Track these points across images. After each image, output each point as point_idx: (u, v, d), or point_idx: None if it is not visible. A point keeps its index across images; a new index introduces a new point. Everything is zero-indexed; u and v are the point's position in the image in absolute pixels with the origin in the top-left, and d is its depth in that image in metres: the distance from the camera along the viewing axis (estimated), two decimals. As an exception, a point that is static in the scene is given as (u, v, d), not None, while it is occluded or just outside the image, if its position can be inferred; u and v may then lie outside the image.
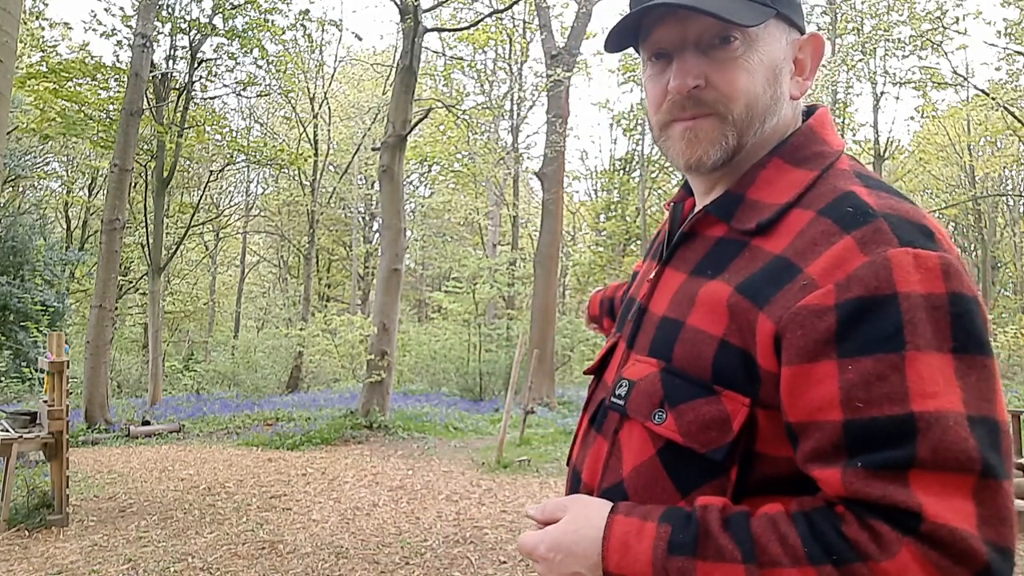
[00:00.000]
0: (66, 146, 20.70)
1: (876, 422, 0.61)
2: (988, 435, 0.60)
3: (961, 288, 0.64)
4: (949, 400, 0.60)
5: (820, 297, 0.65)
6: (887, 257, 0.64)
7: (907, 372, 0.61)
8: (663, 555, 0.66)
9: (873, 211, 0.68)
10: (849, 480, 0.62)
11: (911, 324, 0.62)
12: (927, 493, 0.58)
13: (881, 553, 0.58)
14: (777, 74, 0.80)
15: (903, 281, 0.63)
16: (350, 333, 13.44)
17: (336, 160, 24.52)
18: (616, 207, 25.05)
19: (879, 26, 13.72)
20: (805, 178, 0.76)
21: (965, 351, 0.62)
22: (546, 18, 15.68)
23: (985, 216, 24.27)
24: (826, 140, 0.80)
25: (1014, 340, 16.66)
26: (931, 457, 0.59)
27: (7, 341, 15.04)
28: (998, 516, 0.58)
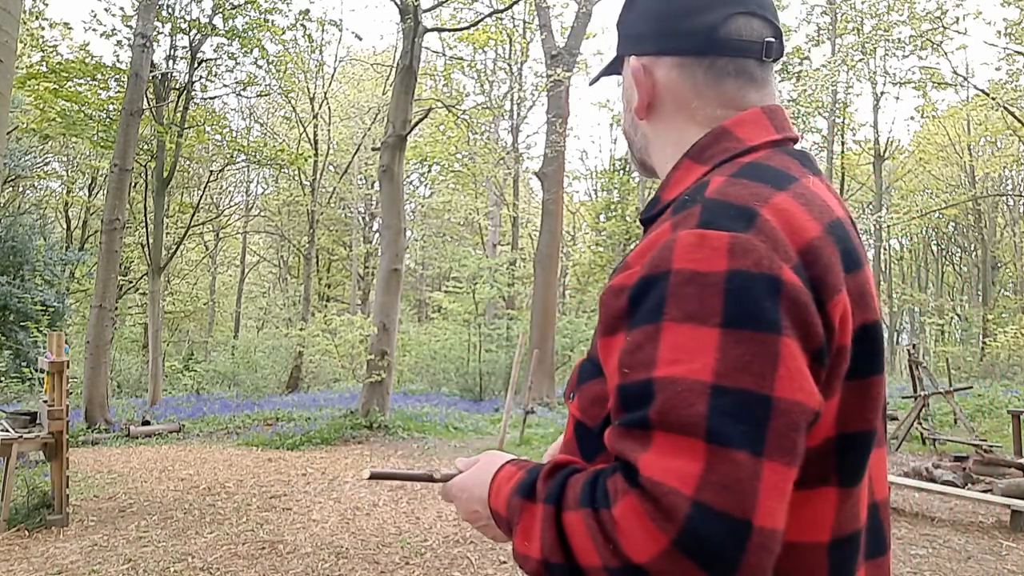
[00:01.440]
0: (66, 146, 20.71)
1: (630, 387, 0.67)
2: (735, 406, 0.61)
3: (745, 266, 0.66)
4: (691, 368, 0.63)
5: (624, 278, 0.73)
6: (675, 237, 0.70)
7: (660, 342, 0.66)
8: (510, 494, 0.78)
9: (701, 197, 0.73)
10: (610, 437, 0.69)
11: (673, 297, 0.67)
12: (655, 452, 0.62)
13: (613, 501, 0.63)
14: (628, 103, 0.95)
15: (680, 259, 0.68)
16: (350, 333, 13.44)
17: (336, 160, 24.52)
18: (616, 207, 25.05)
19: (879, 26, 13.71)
20: (700, 173, 0.83)
21: (735, 325, 0.64)
22: (546, 18, 15.68)
23: (985, 216, 24.27)
24: (738, 137, 0.84)
25: (1014, 340, 16.65)
26: (659, 419, 0.63)
27: (7, 341, 15.04)
28: (722, 483, 0.59)
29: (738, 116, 0.86)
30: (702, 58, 0.87)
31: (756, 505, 0.59)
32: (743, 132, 0.84)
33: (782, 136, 0.85)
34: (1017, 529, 5.03)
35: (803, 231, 0.70)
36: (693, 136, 0.87)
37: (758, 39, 0.86)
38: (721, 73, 0.86)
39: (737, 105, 0.87)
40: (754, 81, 0.87)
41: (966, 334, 24.49)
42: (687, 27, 0.86)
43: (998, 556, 4.49)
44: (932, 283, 30.29)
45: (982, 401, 12.03)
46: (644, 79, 0.90)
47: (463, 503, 0.89)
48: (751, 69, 0.87)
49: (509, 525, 0.78)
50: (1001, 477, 6.00)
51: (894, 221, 19.01)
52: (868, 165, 23.69)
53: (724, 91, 0.86)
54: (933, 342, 26.90)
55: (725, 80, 0.86)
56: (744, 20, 0.86)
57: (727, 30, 0.85)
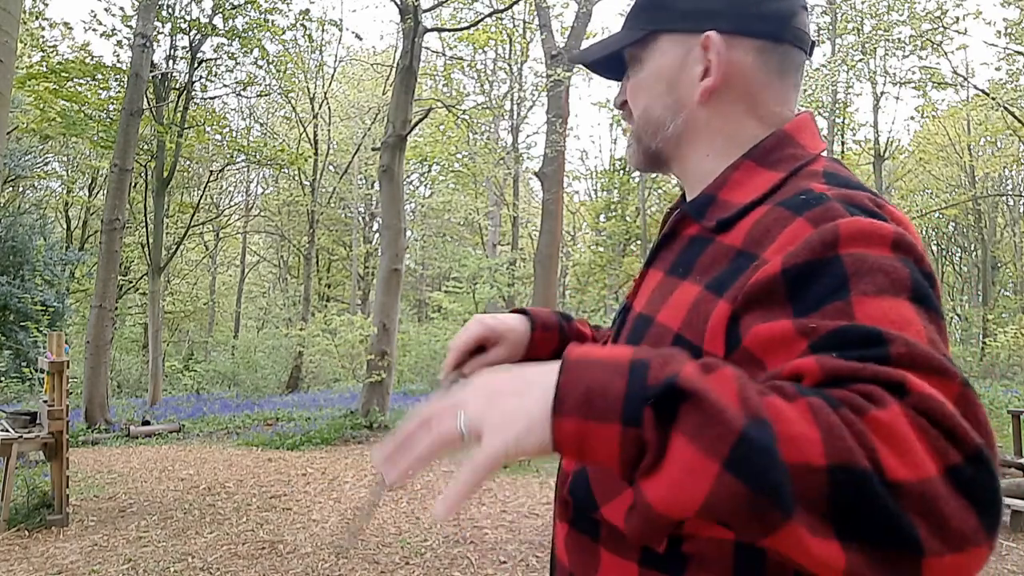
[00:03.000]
0: (66, 146, 20.71)
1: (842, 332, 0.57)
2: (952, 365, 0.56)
3: (913, 258, 0.63)
4: (914, 330, 0.57)
5: (769, 269, 0.65)
6: (836, 224, 0.65)
7: (855, 313, 0.58)
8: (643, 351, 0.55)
9: (827, 196, 0.70)
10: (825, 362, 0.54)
11: (856, 275, 0.61)
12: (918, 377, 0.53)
13: (871, 405, 0.50)
14: (671, 84, 0.86)
15: (846, 244, 0.63)
16: (350, 333, 13.44)
17: (336, 160, 24.52)
18: (616, 207, 25.04)
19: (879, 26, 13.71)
20: (773, 179, 0.79)
21: (922, 303, 0.60)
22: (546, 18, 15.68)
23: (985, 216, 24.26)
24: (801, 143, 0.83)
25: (1014, 340, 16.65)
26: (908, 357, 0.54)
27: (7, 341, 15.04)
28: (979, 422, 0.52)
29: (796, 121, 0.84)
30: (778, 45, 0.83)
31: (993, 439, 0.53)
32: (804, 139, 0.83)
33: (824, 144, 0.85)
34: (1017, 529, 5.03)
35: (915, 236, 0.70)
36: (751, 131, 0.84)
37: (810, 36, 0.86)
38: (791, 65, 0.84)
39: (790, 103, 0.85)
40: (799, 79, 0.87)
41: (966, 334, 24.49)
42: (767, 9, 0.83)
43: (998, 556, 4.49)
44: (932, 283, 30.27)
45: (982, 401, 12.01)
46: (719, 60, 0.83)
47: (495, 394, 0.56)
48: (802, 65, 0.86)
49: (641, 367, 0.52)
50: (1001, 477, 6.00)
51: (894, 221, 18.95)
52: (868, 165, 23.68)
53: (787, 86, 0.85)
54: (933, 342, 26.83)
55: (791, 74, 0.85)
56: (805, 15, 0.85)
57: (798, 20, 0.83)
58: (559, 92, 14.60)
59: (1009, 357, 16.94)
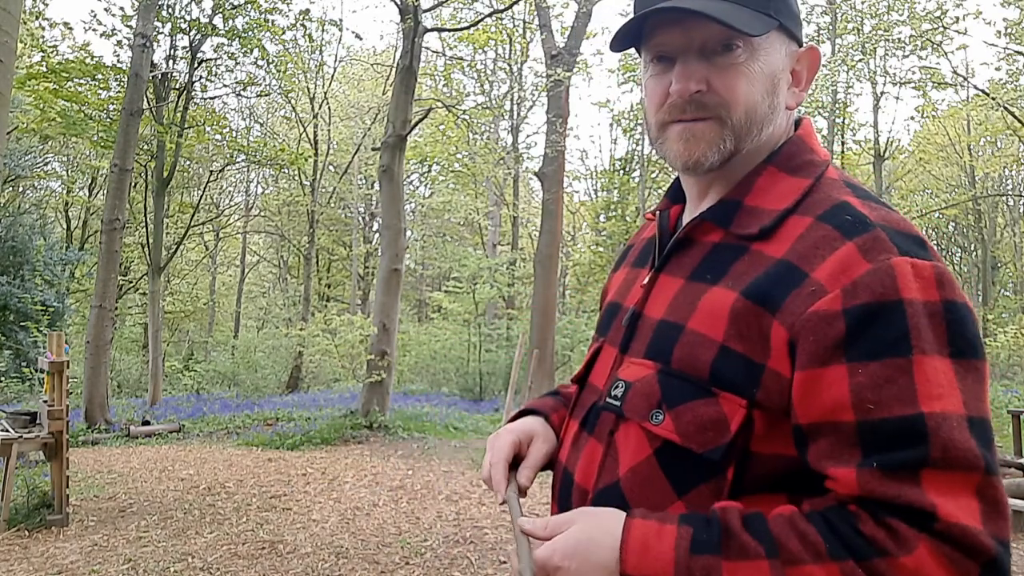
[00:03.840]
0: (66, 146, 20.71)
1: (888, 423, 0.64)
2: (984, 434, 0.65)
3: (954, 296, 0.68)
4: (952, 402, 0.64)
5: (829, 302, 0.68)
6: (891, 265, 0.68)
7: (915, 375, 0.64)
8: (686, 554, 0.66)
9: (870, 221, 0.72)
10: (865, 479, 0.64)
11: (916, 329, 0.65)
12: (939, 492, 0.62)
13: (899, 549, 0.61)
14: (775, 84, 0.82)
15: (906, 288, 0.66)
16: (350, 333, 13.43)
17: (336, 160, 24.52)
18: (616, 207, 25.04)
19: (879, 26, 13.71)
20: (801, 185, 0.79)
21: (962, 355, 0.66)
22: (546, 18, 15.68)
23: (985, 216, 24.25)
24: (814, 150, 0.84)
25: (1014, 340, 16.64)
26: (942, 456, 0.62)
27: (7, 341, 15.04)
28: (998, 511, 0.62)
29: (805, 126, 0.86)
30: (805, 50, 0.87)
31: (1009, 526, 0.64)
32: (814, 145, 0.84)
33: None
34: (1017, 529, 5.03)
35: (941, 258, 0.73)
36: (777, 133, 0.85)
37: None
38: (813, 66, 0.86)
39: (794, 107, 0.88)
40: None
41: (966, 334, 24.48)
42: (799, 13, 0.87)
43: (998, 556, 4.49)
44: (932, 283, 30.29)
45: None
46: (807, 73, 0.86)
47: (573, 573, 0.72)
48: None
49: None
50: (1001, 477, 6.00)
51: (894, 221, 18.96)
52: (868, 165, 23.68)
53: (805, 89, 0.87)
54: (933, 342, 26.86)
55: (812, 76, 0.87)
56: None
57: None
58: (559, 92, 14.60)
59: (1009, 357, 16.93)
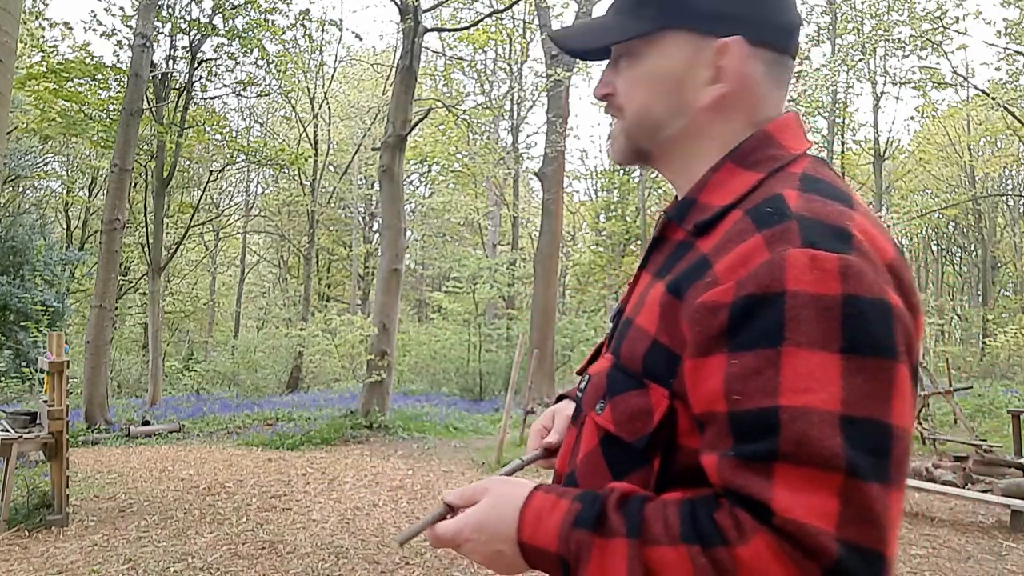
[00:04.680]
0: (66, 146, 20.70)
1: (749, 414, 0.64)
2: (865, 437, 0.61)
3: (859, 291, 0.64)
4: (821, 398, 0.61)
5: (719, 294, 0.68)
6: (784, 256, 0.66)
7: (782, 367, 0.63)
8: (568, 527, 0.70)
9: (790, 212, 0.70)
10: (721, 468, 0.65)
11: (794, 321, 0.64)
12: (786, 487, 0.60)
13: (739, 539, 0.60)
14: (677, 83, 0.83)
15: (794, 280, 0.64)
16: (350, 333, 13.44)
17: (336, 160, 24.52)
18: (616, 207, 25.04)
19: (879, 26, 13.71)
20: (751, 180, 0.79)
21: (855, 352, 0.63)
22: (546, 18, 15.68)
23: (985, 216, 24.26)
24: (782, 144, 0.81)
25: (1014, 340, 16.65)
26: (794, 451, 0.61)
27: (7, 341, 15.04)
28: (863, 516, 0.59)
29: (780, 120, 0.83)
30: (784, 56, 0.83)
31: (888, 536, 0.60)
32: (786, 139, 0.81)
33: (809, 144, 0.84)
34: (1017, 529, 5.03)
35: (885, 252, 0.69)
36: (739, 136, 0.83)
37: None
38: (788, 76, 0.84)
39: (777, 109, 0.84)
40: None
41: (966, 334, 24.50)
42: (785, 20, 0.82)
43: (998, 556, 4.49)
44: (932, 283, 30.28)
45: (982, 401, 12.03)
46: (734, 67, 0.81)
47: (481, 544, 0.76)
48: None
49: (565, 562, 0.70)
50: (1001, 477, 6.00)
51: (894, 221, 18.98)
52: (868, 165, 23.69)
53: (782, 95, 0.85)
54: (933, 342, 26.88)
55: (786, 82, 0.84)
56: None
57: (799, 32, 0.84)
58: (559, 92, 14.61)
59: (1009, 357, 16.94)
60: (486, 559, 0.77)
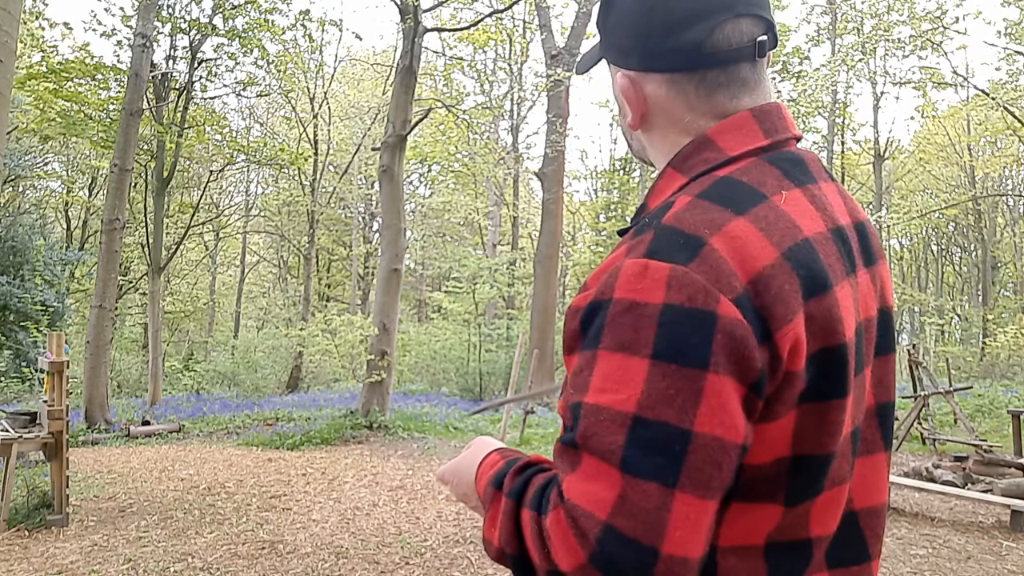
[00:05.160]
0: (66, 146, 20.70)
1: (570, 407, 0.71)
2: (653, 438, 0.64)
3: (679, 300, 0.67)
4: (618, 398, 0.66)
5: (581, 299, 0.75)
6: (622, 266, 0.71)
7: (595, 368, 0.69)
8: (489, 482, 0.82)
9: (657, 223, 0.74)
10: (555, 449, 0.74)
11: (610, 326, 0.69)
12: (579, 474, 0.67)
13: (550, 510, 0.68)
14: (622, 108, 0.92)
15: (621, 288, 0.69)
16: (350, 333, 13.43)
17: (336, 160, 24.52)
18: (616, 207, 25.06)
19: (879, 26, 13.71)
20: (678, 185, 0.82)
21: (663, 359, 0.66)
22: (546, 18, 15.68)
23: (985, 216, 24.26)
24: (721, 146, 0.82)
25: (1014, 340, 16.65)
26: (583, 443, 0.67)
27: (7, 341, 15.04)
28: (632, 511, 0.63)
29: (723, 123, 0.83)
30: (691, 73, 0.83)
31: (664, 534, 0.63)
32: (725, 141, 0.82)
33: (772, 140, 0.82)
34: (1017, 529, 5.03)
35: (754, 260, 0.69)
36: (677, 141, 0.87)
37: (749, 41, 0.82)
38: (712, 85, 0.83)
39: (729, 113, 0.84)
40: (746, 84, 0.83)
41: (966, 334, 24.51)
42: (673, 44, 0.82)
43: (998, 556, 4.49)
44: (932, 283, 30.29)
45: (982, 401, 12.03)
46: (633, 95, 0.87)
47: (455, 487, 0.93)
48: (744, 74, 0.83)
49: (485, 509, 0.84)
50: (1001, 477, 6.00)
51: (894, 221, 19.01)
52: (868, 165, 23.70)
53: (717, 102, 0.83)
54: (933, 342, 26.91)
55: (717, 92, 0.83)
56: (732, 25, 0.81)
57: (714, 42, 0.80)
58: (559, 92, 14.61)
59: (1009, 357, 16.94)
60: (460, 497, 0.93)
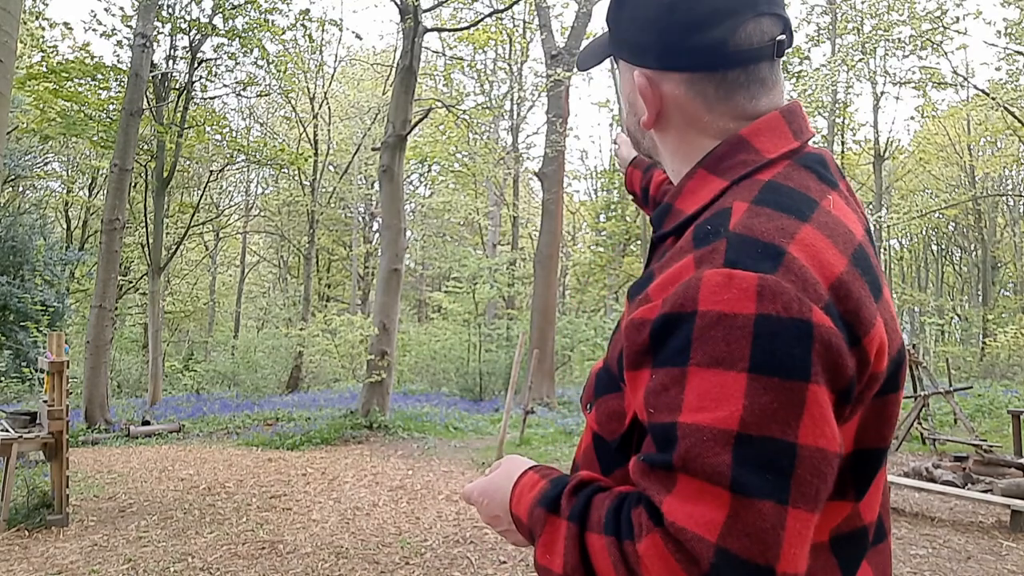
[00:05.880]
0: (66, 146, 20.70)
1: (657, 427, 0.68)
2: (760, 455, 0.62)
3: (773, 310, 0.64)
4: (717, 416, 0.63)
5: (646, 311, 0.71)
6: (700, 276, 0.68)
7: (686, 385, 0.66)
8: (535, 503, 0.79)
9: (725, 230, 0.71)
10: (634, 470, 0.71)
11: (700, 340, 0.65)
12: (678, 495, 0.64)
13: (640, 535, 0.65)
14: (632, 106, 0.90)
15: (706, 300, 0.66)
16: (350, 333, 13.43)
17: (336, 160, 24.52)
18: (616, 207, 25.04)
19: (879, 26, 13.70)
20: (718, 188, 0.79)
21: (762, 371, 0.63)
22: (546, 18, 15.68)
23: (985, 216, 24.26)
24: (758, 148, 0.80)
25: (1014, 340, 16.64)
26: (683, 464, 0.64)
27: (7, 341, 15.04)
28: (746, 531, 0.61)
29: (756, 124, 0.81)
30: (712, 73, 0.81)
31: (780, 553, 0.61)
32: (761, 143, 0.80)
33: (801, 141, 0.81)
34: (1017, 529, 5.03)
35: (832, 267, 0.68)
36: (706, 146, 0.83)
37: (769, 40, 0.80)
38: (733, 85, 0.81)
39: (749, 114, 0.82)
40: (765, 84, 0.82)
41: (966, 334, 24.51)
42: (694, 43, 0.80)
43: (998, 556, 4.49)
44: (932, 283, 30.29)
45: (982, 401, 12.03)
46: (651, 94, 0.85)
47: (484, 508, 0.89)
48: (763, 73, 0.82)
49: (531, 533, 0.80)
50: (1001, 477, 6.00)
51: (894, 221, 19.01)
52: (868, 165, 23.69)
53: (736, 103, 0.82)
54: (933, 342, 26.91)
55: (737, 92, 0.81)
56: (754, 24, 0.79)
57: (737, 41, 0.79)
58: (559, 92, 14.60)
59: (1009, 357, 16.94)
60: (489, 520, 0.89)
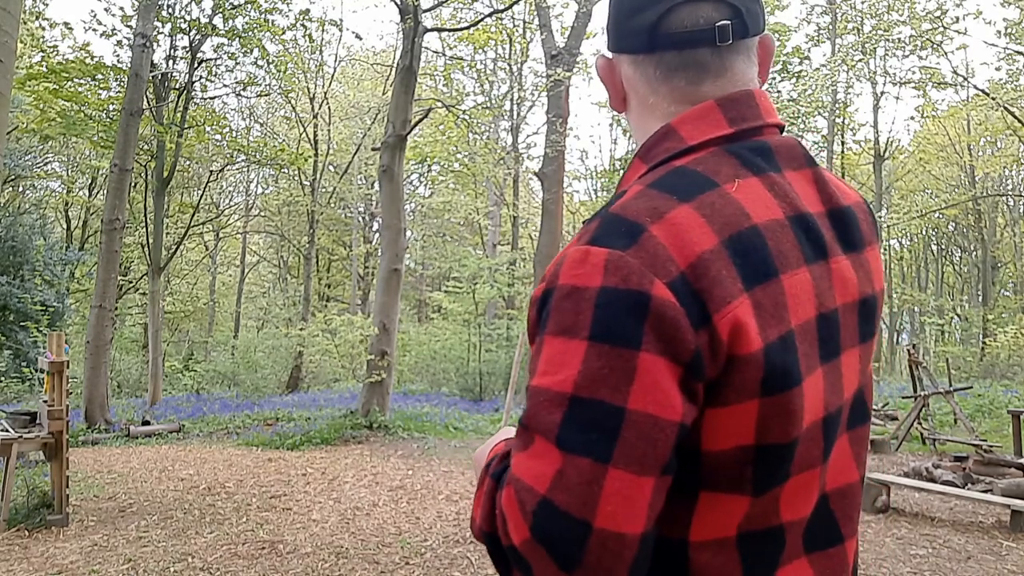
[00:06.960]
0: (66, 146, 20.71)
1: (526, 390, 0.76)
2: (589, 416, 0.68)
3: (613, 283, 0.70)
4: (555, 379, 0.70)
5: (537, 289, 0.78)
6: (564, 253, 0.75)
7: (541, 353, 0.73)
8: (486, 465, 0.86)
9: (605, 211, 0.78)
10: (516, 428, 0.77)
11: (554, 311, 0.72)
12: (523, 451, 0.71)
13: (503, 487, 0.73)
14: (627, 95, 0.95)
15: (564, 275, 0.73)
16: (350, 333, 13.44)
17: (336, 160, 24.52)
18: (616, 207, 25.01)
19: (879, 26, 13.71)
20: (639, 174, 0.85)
21: (598, 339, 0.69)
22: (546, 18, 15.68)
23: (985, 216, 24.25)
24: (682, 135, 0.84)
25: (1014, 340, 16.64)
26: (528, 422, 0.71)
27: (7, 341, 15.04)
28: (567, 486, 0.66)
29: (686, 112, 0.84)
30: (650, 55, 0.86)
31: (596, 508, 0.66)
32: (686, 131, 0.83)
33: (738, 128, 0.83)
34: (1017, 529, 5.03)
35: (693, 245, 0.72)
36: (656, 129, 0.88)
37: (707, 25, 0.82)
38: (669, 67, 0.85)
39: (690, 99, 0.85)
40: (708, 71, 0.84)
41: (966, 334, 24.49)
42: (633, 25, 0.86)
43: (998, 556, 4.49)
44: (932, 283, 30.29)
45: (982, 401, 12.03)
46: (608, 76, 0.93)
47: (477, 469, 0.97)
48: (703, 59, 0.84)
49: None
50: (1001, 477, 6.00)
51: (894, 221, 19.03)
52: (868, 165, 23.69)
53: (675, 86, 0.85)
54: (933, 342, 26.92)
55: (674, 75, 0.85)
56: (689, 9, 0.82)
57: (668, 24, 0.83)
58: (559, 92, 14.61)
59: (1009, 357, 16.93)
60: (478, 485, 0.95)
